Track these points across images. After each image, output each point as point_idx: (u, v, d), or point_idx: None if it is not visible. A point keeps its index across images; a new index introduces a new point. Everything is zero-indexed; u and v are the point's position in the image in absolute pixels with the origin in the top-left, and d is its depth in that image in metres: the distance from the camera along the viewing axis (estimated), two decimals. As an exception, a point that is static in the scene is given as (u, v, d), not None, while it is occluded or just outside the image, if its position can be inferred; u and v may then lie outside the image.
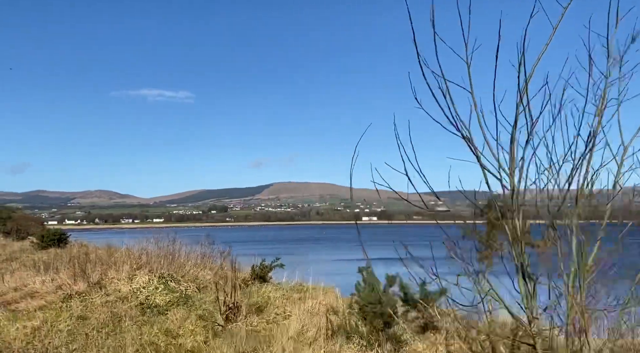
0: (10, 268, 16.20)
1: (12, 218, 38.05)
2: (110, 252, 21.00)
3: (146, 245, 16.55)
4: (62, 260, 17.46)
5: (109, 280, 11.38)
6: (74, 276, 12.49)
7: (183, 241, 16.31)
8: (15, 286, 11.90)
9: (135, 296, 10.10)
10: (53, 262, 16.15)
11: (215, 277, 11.98)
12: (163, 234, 18.00)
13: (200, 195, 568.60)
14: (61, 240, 26.06)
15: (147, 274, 11.19)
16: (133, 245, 17.92)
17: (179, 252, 13.71)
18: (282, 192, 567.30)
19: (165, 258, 14.02)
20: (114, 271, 12.87)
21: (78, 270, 12.48)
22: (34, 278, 12.83)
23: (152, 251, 15.20)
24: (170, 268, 12.38)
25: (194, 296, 10.31)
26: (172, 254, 14.38)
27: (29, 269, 15.52)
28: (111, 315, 8.40)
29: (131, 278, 11.23)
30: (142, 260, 15.30)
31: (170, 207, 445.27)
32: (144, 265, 15.08)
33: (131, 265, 14.72)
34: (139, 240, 17.53)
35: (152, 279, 10.74)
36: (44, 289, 11.51)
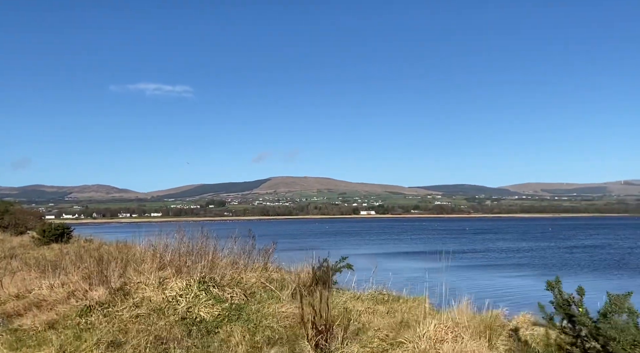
0: (9, 267, 13.93)
1: (9, 211, 35.74)
2: (120, 248, 18.75)
3: (168, 239, 14.32)
4: (69, 258, 15.23)
5: (133, 284, 9.14)
6: (88, 280, 10.25)
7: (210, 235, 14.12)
8: (16, 293, 9.65)
9: (173, 308, 7.86)
10: (60, 261, 13.91)
11: (262, 280, 9.76)
12: (185, 227, 15.81)
13: (198, 189, 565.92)
14: (64, 235, 23.81)
15: (184, 277, 8.95)
16: (152, 239, 15.71)
17: (214, 249, 11.46)
18: (280, 186, 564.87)
19: (199, 256, 11.79)
20: (138, 273, 10.64)
21: (94, 271, 10.24)
22: (40, 281, 10.58)
23: (178, 248, 12.98)
24: (206, 269, 10.15)
25: (245, 307, 8.08)
26: (205, 251, 12.15)
27: (32, 269, 13.26)
28: (153, 339, 6.18)
29: (162, 282, 8.98)
30: (167, 258, 13.09)
31: (167, 201, 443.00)
32: (170, 264, 12.88)
33: (156, 264, 12.50)
34: (158, 234, 15.28)
35: (191, 284, 8.50)
36: (52, 296, 9.27)
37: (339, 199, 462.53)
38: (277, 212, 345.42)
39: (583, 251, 49.78)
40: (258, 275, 10.13)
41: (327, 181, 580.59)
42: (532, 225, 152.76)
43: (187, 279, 8.62)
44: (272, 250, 11.10)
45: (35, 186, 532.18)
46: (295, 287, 8.47)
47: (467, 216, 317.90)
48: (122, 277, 10.12)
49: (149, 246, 14.58)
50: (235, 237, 12.57)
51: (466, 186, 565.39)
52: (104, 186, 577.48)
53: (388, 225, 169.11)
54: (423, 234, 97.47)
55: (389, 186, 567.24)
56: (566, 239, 75.34)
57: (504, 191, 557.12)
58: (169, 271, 11.93)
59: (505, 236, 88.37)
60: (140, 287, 8.99)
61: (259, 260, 11.23)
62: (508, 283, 25.85)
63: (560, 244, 62.40)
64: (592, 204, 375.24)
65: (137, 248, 20.26)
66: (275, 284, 9.43)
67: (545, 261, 40.35)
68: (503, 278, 28.43)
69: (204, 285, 8.47)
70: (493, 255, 47.02)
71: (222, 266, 10.97)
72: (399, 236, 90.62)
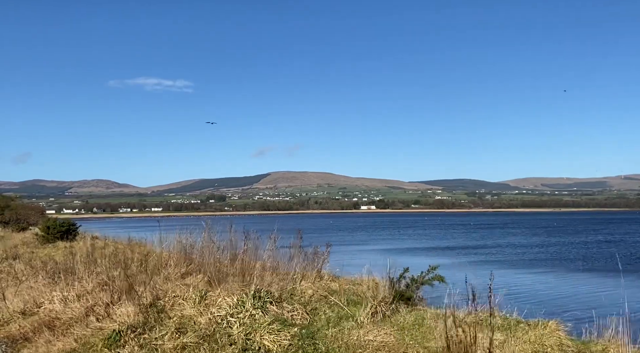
0: (12, 272, 12.15)
1: (10, 206, 33.94)
2: (134, 247, 16.94)
3: (192, 237, 12.53)
4: (80, 259, 13.48)
5: (168, 299, 7.37)
6: (109, 290, 8.50)
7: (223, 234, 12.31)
8: (23, 308, 7.89)
9: (226, 334, 6.08)
10: (70, 263, 12.15)
11: (321, 291, 8.00)
12: (200, 223, 14.01)
13: (198, 184, 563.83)
14: (70, 232, 22.03)
15: (229, 289, 7.17)
16: (169, 237, 13.91)
17: (254, 251, 9.67)
18: (280, 181, 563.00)
19: (236, 260, 10.04)
20: (167, 281, 8.90)
21: (115, 279, 8.48)
22: (50, 291, 8.82)
23: (211, 249, 11.23)
24: (255, 278, 8.39)
25: (317, 331, 6.31)
26: (246, 254, 10.39)
27: (39, 273, 11.49)
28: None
29: (204, 296, 7.21)
30: (196, 261, 11.33)
31: (168, 196, 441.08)
32: (201, 269, 11.13)
33: (184, 269, 10.75)
34: (179, 231, 13.44)
35: (244, 300, 6.72)
36: (67, 313, 7.51)
37: (339, 194, 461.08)
38: (278, 207, 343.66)
39: (609, 246, 47.98)
40: (313, 285, 8.36)
41: (327, 176, 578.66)
42: (537, 219, 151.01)
43: (239, 293, 6.83)
44: (327, 254, 9.29)
45: (35, 181, 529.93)
46: (375, 304, 6.68)
47: (468, 210, 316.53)
48: (151, 287, 8.37)
49: (170, 245, 12.82)
50: (275, 235, 10.79)
51: (466, 180, 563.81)
52: (104, 181, 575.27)
53: (391, 219, 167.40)
54: (429, 229, 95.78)
55: (389, 181, 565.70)
56: (575, 233, 73.64)
57: (504, 185, 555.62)
58: (201, 277, 10.19)
59: (514, 230, 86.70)
60: (177, 302, 7.23)
61: (309, 265, 9.45)
62: (578, 290, 22.52)
63: (577, 239, 60.68)
64: (593, 198, 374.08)
65: (151, 247, 18.53)
66: (339, 298, 7.66)
67: (594, 261, 37.32)
68: (565, 284, 25.00)
69: (259, 301, 6.69)
70: (517, 250, 45.12)
71: (267, 274, 9.22)
72: (406, 231, 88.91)
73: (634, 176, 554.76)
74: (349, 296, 7.83)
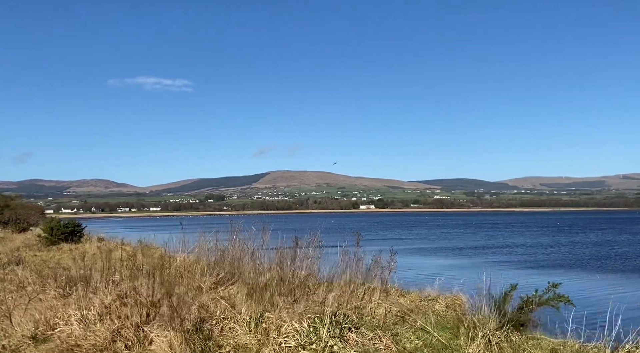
0: (15, 280, 10.67)
1: (9, 206, 32.41)
2: (145, 251, 15.47)
3: (217, 241, 11.07)
4: (91, 264, 12.04)
5: (216, 321, 5.93)
6: (136, 307, 7.06)
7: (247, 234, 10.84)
8: (33, 331, 6.44)
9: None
10: (84, 270, 10.69)
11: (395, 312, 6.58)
12: (224, 222, 12.56)
13: (197, 184, 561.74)
14: (75, 233, 20.57)
15: (308, 314, 5.72)
16: (184, 237, 12.43)
17: (303, 258, 8.22)
18: (278, 181, 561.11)
19: (272, 268, 8.63)
20: (201, 294, 7.49)
21: (146, 294, 7.05)
22: (64, 307, 7.37)
23: (241, 254, 9.81)
24: (298, 291, 6.97)
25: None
26: (278, 259, 8.99)
27: (47, 283, 10.03)
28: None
29: (260, 319, 5.77)
30: (225, 267, 9.91)
31: (166, 196, 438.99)
32: (228, 279, 9.71)
33: (213, 278, 9.33)
34: (202, 232, 11.95)
35: (316, 325, 5.29)
36: (89, 338, 6.07)
37: (338, 193, 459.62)
38: (277, 206, 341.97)
39: (617, 247, 46.63)
40: (382, 302, 6.92)
41: (326, 176, 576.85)
42: (538, 218, 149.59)
43: (310, 317, 5.38)
44: (393, 263, 7.83)
45: (33, 181, 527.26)
46: (487, 333, 5.24)
47: (467, 210, 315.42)
48: (185, 303, 6.93)
49: (195, 249, 11.35)
50: (317, 237, 9.32)
51: (465, 180, 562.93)
52: (103, 181, 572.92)
53: (392, 219, 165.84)
54: (433, 228, 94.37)
55: (388, 181, 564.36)
56: (582, 232, 72.28)
57: (503, 185, 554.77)
58: (237, 288, 8.78)
59: (519, 230, 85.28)
60: (227, 326, 5.78)
61: (369, 276, 8.00)
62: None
63: (586, 239, 59.34)
64: (592, 198, 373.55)
65: (164, 250, 17.07)
66: (420, 319, 6.22)
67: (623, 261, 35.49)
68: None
69: (336, 327, 5.25)
70: (535, 250, 43.59)
71: (321, 287, 7.77)
72: (411, 230, 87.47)
73: (632, 176, 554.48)
74: (429, 316, 6.40)
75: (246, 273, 8.93)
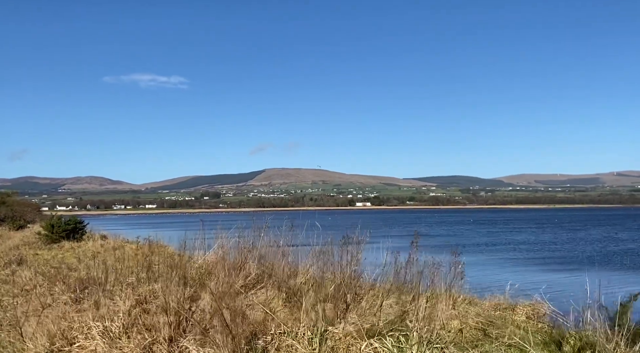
0: (19, 282, 9.65)
1: (6, 203, 31.27)
2: (154, 249, 14.46)
3: (244, 239, 10.05)
4: (100, 264, 11.04)
5: (271, 336, 4.98)
6: (163, 313, 6.08)
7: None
8: (48, 346, 5.46)
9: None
10: (93, 272, 9.70)
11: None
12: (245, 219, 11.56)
13: (192, 181, 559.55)
14: (77, 231, 19.53)
15: (363, 324, 4.78)
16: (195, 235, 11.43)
17: (346, 258, 7.25)
18: (274, 178, 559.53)
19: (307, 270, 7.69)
20: (234, 301, 6.54)
21: (179, 299, 6.08)
22: (79, 315, 6.40)
23: (272, 254, 8.86)
24: (348, 295, 6.02)
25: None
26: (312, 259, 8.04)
27: (55, 285, 9.03)
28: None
29: (324, 334, 4.82)
30: (252, 270, 8.95)
31: (162, 193, 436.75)
32: (257, 282, 8.76)
33: (239, 281, 8.38)
34: (220, 229, 10.92)
35: (402, 346, 4.33)
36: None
37: (334, 191, 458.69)
38: (273, 204, 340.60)
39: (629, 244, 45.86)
40: (453, 312, 5.96)
41: (321, 173, 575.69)
42: (535, 215, 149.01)
43: (392, 334, 4.42)
44: (461, 267, 6.83)
45: (27, 178, 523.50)
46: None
47: (463, 207, 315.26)
48: (238, 314, 5.96)
49: (218, 248, 10.36)
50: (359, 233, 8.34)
51: (460, 177, 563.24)
52: (98, 178, 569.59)
53: (389, 216, 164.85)
54: (434, 226, 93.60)
55: (384, 178, 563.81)
56: (584, 229, 71.62)
57: (498, 182, 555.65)
58: (273, 293, 7.85)
59: (518, 226, 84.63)
60: (285, 343, 4.82)
61: (423, 280, 7.03)
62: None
63: (592, 235, 58.64)
64: (586, 195, 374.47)
65: (173, 249, 16.09)
66: (506, 334, 5.27)
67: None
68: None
69: (427, 347, 4.29)
70: (540, 247, 42.76)
71: (369, 292, 6.81)
72: (412, 227, 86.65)
73: (626, 173, 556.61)
74: (516, 330, 5.45)
75: (280, 274, 7.97)
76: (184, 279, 8.96)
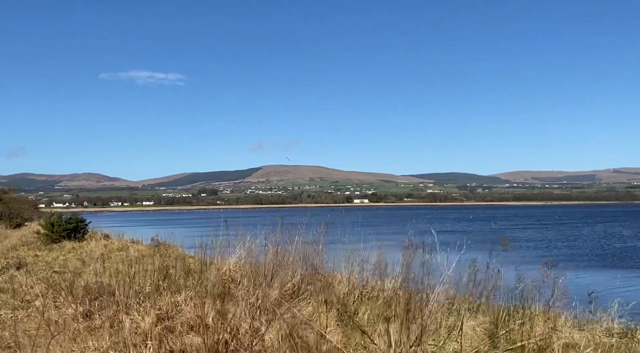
0: (20, 291, 8.54)
1: (2, 200, 30.07)
2: (162, 251, 13.36)
3: (272, 240, 8.94)
4: (110, 268, 9.93)
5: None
6: (198, 334, 5.03)
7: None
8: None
9: None
10: (103, 279, 8.60)
11: None
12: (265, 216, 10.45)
13: (189, 178, 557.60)
14: (79, 230, 18.43)
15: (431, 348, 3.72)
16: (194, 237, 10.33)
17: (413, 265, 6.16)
18: (272, 175, 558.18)
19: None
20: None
21: (215, 314, 5.02)
22: (93, 336, 5.33)
23: (309, 256, 7.82)
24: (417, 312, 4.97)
25: None
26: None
27: (59, 294, 7.94)
28: None
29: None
30: (287, 277, 7.92)
31: (159, 190, 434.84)
32: (294, 292, 7.75)
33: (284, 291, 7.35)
34: (242, 230, 9.76)
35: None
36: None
37: (332, 187, 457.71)
38: (270, 201, 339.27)
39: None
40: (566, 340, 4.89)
41: (319, 170, 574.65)
42: (535, 212, 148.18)
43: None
44: (562, 281, 5.68)
45: (24, 175, 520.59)
46: None
47: (461, 204, 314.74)
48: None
49: (242, 252, 9.25)
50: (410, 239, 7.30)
51: (457, 174, 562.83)
52: (94, 175, 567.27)
53: (389, 213, 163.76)
54: (436, 222, 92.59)
55: (381, 175, 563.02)
56: (586, 226, 70.70)
57: (495, 179, 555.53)
58: (323, 307, 6.82)
59: (523, 222, 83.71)
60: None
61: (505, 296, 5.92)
62: None
63: (598, 232, 57.70)
64: (583, 192, 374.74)
65: (181, 251, 15.01)
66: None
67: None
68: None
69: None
70: (555, 244, 41.60)
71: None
72: (417, 225, 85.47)
73: (622, 170, 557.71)
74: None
75: (322, 282, 6.90)
76: (205, 288, 7.89)
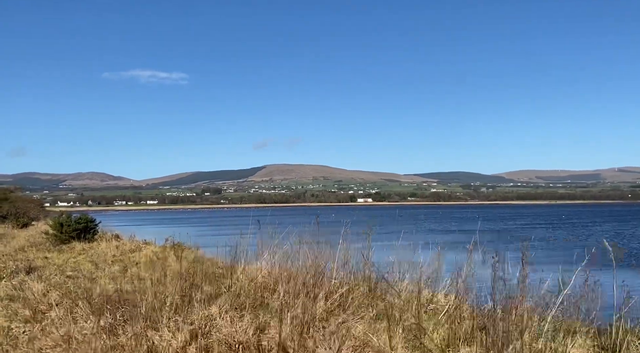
0: (32, 299, 7.78)
1: (8, 199, 29.41)
2: (177, 252, 12.61)
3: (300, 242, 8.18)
4: (127, 274, 9.20)
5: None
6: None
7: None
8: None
9: None
10: (124, 286, 7.86)
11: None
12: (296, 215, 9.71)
13: (193, 177, 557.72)
14: (88, 230, 17.72)
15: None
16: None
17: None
18: (275, 174, 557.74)
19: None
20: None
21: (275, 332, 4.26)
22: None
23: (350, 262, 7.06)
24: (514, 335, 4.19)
25: None
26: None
27: (76, 305, 7.18)
28: None
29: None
30: (337, 289, 7.19)
31: (163, 189, 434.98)
32: (339, 305, 7.01)
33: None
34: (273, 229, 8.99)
35: None
36: None
37: (335, 187, 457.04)
38: (274, 200, 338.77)
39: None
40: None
41: (322, 169, 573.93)
42: (540, 211, 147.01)
43: None
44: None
45: (28, 174, 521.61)
46: None
47: (465, 203, 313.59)
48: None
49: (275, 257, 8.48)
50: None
51: (461, 173, 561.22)
52: (99, 174, 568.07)
53: (393, 212, 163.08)
54: (442, 222, 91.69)
55: (385, 174, 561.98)
56: (594, 225, 69.70)
57: (499, 178, 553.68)
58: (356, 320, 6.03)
59: (530, 221, 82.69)
60: None
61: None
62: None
63: (614, 232, 56.73)
64: (587, 191, 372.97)
65: (198, 252, 14.29)
66: None
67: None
68: None
69: None
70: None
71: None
72: (423, 224, 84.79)
73: (627, 169, 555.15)
74: None
75: (370, 294, 6.14)
76: (238, 298, 7.15)
